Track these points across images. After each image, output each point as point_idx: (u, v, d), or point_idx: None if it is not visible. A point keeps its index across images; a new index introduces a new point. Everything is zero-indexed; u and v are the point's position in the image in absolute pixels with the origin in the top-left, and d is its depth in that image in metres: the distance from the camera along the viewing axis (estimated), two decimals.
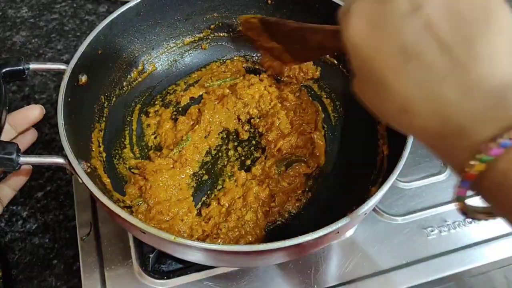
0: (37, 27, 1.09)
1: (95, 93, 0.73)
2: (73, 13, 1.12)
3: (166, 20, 0.82)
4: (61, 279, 0.73)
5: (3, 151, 0.52)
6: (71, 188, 0.79)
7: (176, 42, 0.85)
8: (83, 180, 0.55)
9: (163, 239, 0.51)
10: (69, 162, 0.56)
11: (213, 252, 0.52)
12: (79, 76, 0.67)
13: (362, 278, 0.69)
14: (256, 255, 0.53)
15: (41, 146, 0.87)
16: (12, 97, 0.94)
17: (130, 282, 0.68)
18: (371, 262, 0.70)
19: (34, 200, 0.81)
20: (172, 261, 0.69)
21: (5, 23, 1.09)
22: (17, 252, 0.75)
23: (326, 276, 0.69)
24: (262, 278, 0.68)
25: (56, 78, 0.98)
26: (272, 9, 0.83)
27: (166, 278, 0.67)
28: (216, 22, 0.85)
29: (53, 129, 0.90)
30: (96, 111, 0.73)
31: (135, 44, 0.80)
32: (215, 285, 0.68)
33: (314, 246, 0.60)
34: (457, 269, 0.70)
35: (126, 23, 0.75)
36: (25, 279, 0.73)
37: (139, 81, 0.82)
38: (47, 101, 0.94)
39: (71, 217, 0.78)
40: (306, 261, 0.70)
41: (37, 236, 0.77)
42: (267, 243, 0.50)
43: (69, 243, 0.76)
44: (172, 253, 0.59)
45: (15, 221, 0.78)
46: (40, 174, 0.83)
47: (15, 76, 0.62)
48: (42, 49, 1.04)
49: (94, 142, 0.70)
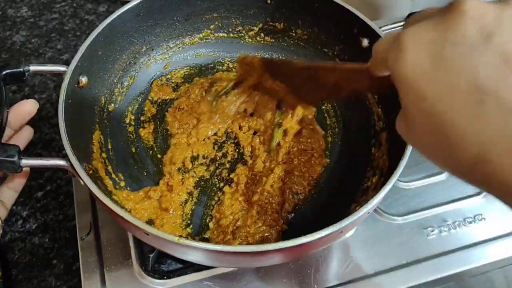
0: (37, 26, 1.09)
1: (95, 94, 0.73)
2: (73, 12, 1.12)
3: (165, 21, 0.82)
4: (61, 279, 0.73)
5: (5, 153, 0.52)
6: (71, 188, 0.79)
7: (176, 43, 0.85)
8: (85, 183, 0.55)
9: (166, 240, 0.51)
10: (71, 164, 0.56)
11: (216, 253, 0.52)
12: (79, 77, 0.67)
13: (362, 278, 0.69)
14: (259, 256, 0.53)
15: (41, 146, 0.87)
16: (12, 97, 0.94)
17: (130, 282, 0.68)
18: (371, 262, 0.70)
19: (34, 200, 0.81)
20: (172, 261, 0.69)
21: (5, 22, 1.09)
22: (17, 252, 0.75)
23: (326, 276, 0.69)
24: (262, 278, 0.69)
25: (56, 78, 0.98)
26: (272, 9, 0.83)
27: (166, 278, 0.67)
28: (216, 22, 0.86)
29: (53, 129, 0.90)
30: (96, 112, 0.73)
31: (134, 45, 0.80)
32: (215, 285, 0.68)
33: (317, 246, 0.60)
34: (457, 269, 0.70)
35: (125, 24, 0.75)
36: (25, 279, 0.73)
37: (136, 83, 0.82)
38: (47, 101, 0.94)
39: (71, 217, 0.78)
40: (306, 261, 0.70)
41: (37, 236, 0.77)
42: (270, 244, 0.50)
43: (69, 243, 0.76)
44: (174, 254, 0.59)
45: (15, 221, 0.78)
46: (40, 174, 0.83)
47: (16, 78, 0.62)
48: (42, 49, 1.04)
49: (95, 143, 0.70)
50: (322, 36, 0.82)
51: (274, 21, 0.85)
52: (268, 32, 0.87)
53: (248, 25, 0.86)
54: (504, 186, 0.30)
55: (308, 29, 0.83)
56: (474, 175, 0.32)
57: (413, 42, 0.33)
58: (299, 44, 0.86)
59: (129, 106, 0.80)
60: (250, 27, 0.87)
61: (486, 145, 0.30)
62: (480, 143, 0.30)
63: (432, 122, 0.33)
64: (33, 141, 0.87)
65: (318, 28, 0.82)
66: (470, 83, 0.30)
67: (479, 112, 0.30)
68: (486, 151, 0.30)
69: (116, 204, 0.53)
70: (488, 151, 0.30)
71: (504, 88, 0.29)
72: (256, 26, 0.86)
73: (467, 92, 0.30)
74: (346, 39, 0.78)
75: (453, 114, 0.31)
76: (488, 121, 0.30)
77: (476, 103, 0.30)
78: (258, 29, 0.87)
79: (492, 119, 0.30)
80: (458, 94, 0.31)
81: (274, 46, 0.88)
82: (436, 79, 0.32)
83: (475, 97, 0.30)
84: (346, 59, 0.81)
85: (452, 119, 0.31)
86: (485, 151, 0.30)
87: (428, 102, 0.32)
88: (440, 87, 0.31)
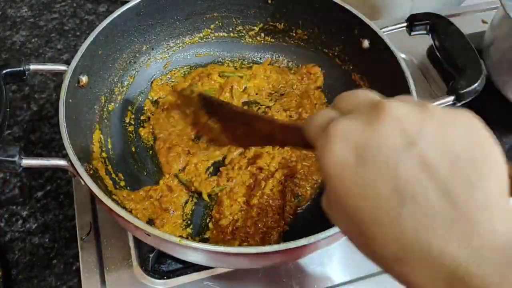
0: (37, 26, 1.09)
1: (95, 93, 0.73)
2: (73, 12, 1.12)
3: (166, 20, 0.82)
4: (60, 278, 0.73)
5: (5, 154, 0.52)
6: (71, 188, 0.79)
7: (176, 42, 0.85)
8: (86, 183, 0.55)
9: (167, 241, 0.51)
10: (71, 164, 0.56)
11: (217, 254, 0.53)
12: (79, 77, 0.67)
13: (362, 278, 0.69)
14: (260, 257, 0.53)
15: (41, 146, 0.87)
16: (12, 96, 0.94)
17: (130, 282, 0.68)
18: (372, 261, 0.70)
19: (34, 199, 0.81)
20: (171, 261, 0.69)
21: (5, 22, 1.09)
22: (17, 252, 0.75)
23: (326, 276, 0.69)
24: (262, 277, 0.69)
25: (56, 78, 0.98)
26: (273, 9, 0.83)
27: (166, 278, 0.68)
28: (216, 22, 0.86)
29: (53, 128, 0.90)
30: (96, 112, 0.73)
31: (135, 44, 0.80)
32: (214, 284, 0.68)
33: (319, 247, 0.60)
34: None
35: (126, 23, 0.75)
36: (25, 279, 0.73)
37: (137, 82, 0.82)
38: (47, 100, 0.94)
39: (71, 216, 0.77)
40: (306, 261, 0.70)
41: (37, 235, 0.77)
42: (271, 246, 0.51)
43: (69, 243, 0.76)
44: (175, 255, 0.59)
45: (15, 221, 0.78)
46: (40, 174, 0.83)
47: (16, 78, 0.62)
48: (42, 49, 1.04)
49: (95, 143, 0.70)
50: (323, 37, 0.83)
51: (274, 21, 0.85)
52: (268, 32, 0.87)
53: (248, 24, 0.86)
54: (420, 285, 0.31)
55: (309, 29, 0.84)
56: (393, 271, 0.33)
57: (340, 138, 0.33)
58: (299, 44, 0.86)
59: (129, 105, 0.80)
60: (250, 27, 0.87)
61: (405, 245, 0.31)
62: (399, 244, 0.31)
63: (357, 219, 0.33)
64: (33, 140, 0.87)
65: (319, 28, 0.82)
66: (392, 186, 0.31)
67: (399, 215, 0.31)
68: (404, 252, 0.31)
69: (116, 204, 0.53)
70: (405, 252, 0.31)
71: (421, 193, 0.30)
72: (257, 26, 0.86)
73: (390, 194, 0.31)
74: (347, 39, 0.78)
75: (377, 214, 0.32)
76: (407, 223, 0.31)
77: (397, 205, 0.31)
78: (259, 29, 0.87)
79: (410, 223, 0.30)
80: (381, 195, 0.31)
81: (275, 46, 0.88)
82: (361, 180, 0.32)
83: (398, 200, 0.31)
84: (346, 59, 0.81)
85: (375, 218, 0.32)
86: (403, 251, 0.31)
87: (350, 199, 0.33)
88: (363, 187, 0.32)
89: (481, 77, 0.65)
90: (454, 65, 0.69)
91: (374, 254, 0.34)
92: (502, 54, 0.84)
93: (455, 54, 0.70)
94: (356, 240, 0.35)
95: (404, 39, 0.77)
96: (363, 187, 0.32)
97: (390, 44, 0.69)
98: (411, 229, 0.30)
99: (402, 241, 0.31)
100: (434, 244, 0.30)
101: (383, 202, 0.31)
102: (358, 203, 0.33)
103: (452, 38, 0.71)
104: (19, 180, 0.82)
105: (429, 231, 0.30)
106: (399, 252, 0.31)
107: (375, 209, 0.32)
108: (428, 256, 0.30)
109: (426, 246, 0.30)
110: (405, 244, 0.31)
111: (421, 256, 0.30)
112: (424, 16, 0.75)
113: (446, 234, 0.30)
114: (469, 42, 0.70)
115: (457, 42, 0.71)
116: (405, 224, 0.31)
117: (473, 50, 0.69)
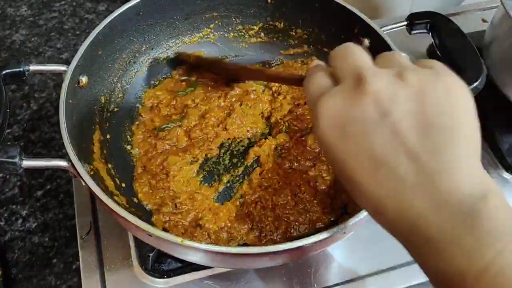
0: (37, 25, 1.09)
1: (95, 93, 0.72)
2: (72, 11, 1.12)
3: (165, 20, 0.81)
4: (60, 278, 0.73)
5: (5, 155, 0.52)
6: (71, 187, 0.79)
7: (176, 42, 0.85)
8: (87, 184, 0.55)
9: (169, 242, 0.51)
10: (72, 165, 0.56)
11: (218, 254, 0.52)
12: (79, 77, 0.66)
13: (362, 277, 0.69)
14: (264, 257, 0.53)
15: (41, 145, 0.87)
16: (11, 96, 0.94)
17: (130, 281, 0.68)
18: (372, 261, 0.70)
19: (33, 199, 0.81)
20: (172, 260, 0.69)
21: (4, 21, 1.09)
22: (17, 251, 0.75)
23: (326, 275, 0.69)
24: (262, 277, 0.69)
25: (55, 77, 0.98)
26: (272, 8, 0.83)
27: (166, 277, 0.68)
28: (216, 21, 0.85)
29: (53, 127, 0.90)
30: (96, 112, 0.73)
31: (134, 44, 0.79)
32: (214, 284, 0.68)
33: (320, 247, 0.61)
34: None
35: (125, 23, 0.75)
36: (25, 278, 0.73)
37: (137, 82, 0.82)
38: (47, 100, 0.94)
39: (71, 216, 0.78)
40: (306, 261, 0.70)
41: (36, 235, 0.77)
42: (274, 245, 0.50)
43: (69, 242, 0.76)
44: (177, 255, 0.59)
45: (15, 220, 0.78)
46: (40, 173, 0.83)
47: (15, 78, 0.62)
48: (42, 48, 1.04)
49: (96, 143, 0.70)
50: (323, 36, 0.82)
51: (274, 21, 0.85)
52: (268, 31, 0.87)
53: (248, 24, 0.86)
54: (395, 233, 0.38)
55: (309, 28, 0.83)
56: (376, 219, 0.39)
57: (325, 114, 0.39)
58: (299, 43, 0.86)
59: (129, 105, 0.80)
60: (250, 26, 0.86)
61: (380, 201, 0.37)
62: (376, 200, 0.37)
63: (339, 173, 0.40)
64: (33, 139, 0.87)
65: (319, 27, 0.82)
66: (370, 153, 0.36)
67: (375, 177, 0.36)
68: (380, 206, 0.37)
69: (118, 205, 0.53)
70: (381, 206, 0.37)
71: (393, 161, 0.35)
72: (256, 25, 0.86)
73: (367, 161, 0.37)
74: (347, 38, 0.78)
75: (358, 176, 0.38)
76: (382, 185, 0.36)
77: (374, 170, 0.36)
78: (258, 28, 0.86)
79: (384, 184, 0.36)
80: (361, 162, 0.37)
81: (274, 46, 0.88)
82: (344, 147, 0.38)
83: (373, 165, 0.36)
84: None
85: (357, 179, 0.38)
86: (379, 206, 0.37)
87: (340, 163, 0.39)
88: (347, 154, 0.38)
89: (482, 76, 0.65)
90: (455, 64, 0.69)
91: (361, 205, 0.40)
92: (503, 53, 0.84)
93: (455, 53, 0.70)
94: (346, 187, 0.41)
95: (405, 38, 0.77)
96: (345, 155, 0.38)
97: (390, 43, 0.69)
98: (385, 190, 0.36)
99: (379, 200, 0.37)
100: (403, 202, 0.35)
101: (362, 169, 0.37)
102: (342, 166, 0.39)
103: (452, 37, 0.71)
104: (19, 179, 0.82)
105: (397, 193, 0.35)
106: (378, 207, 0.37)
107: (356, 174, 0.38)
108: (399, 212, 0.36)
109: (397, 204, 0.36)
110: (381, 202, 0.37)
111: (394, 212, 0.36)
112: (424, 15, 0.75)
113: (412, 195, 0.35)
114: (470, 41, 0.70)
115: (458, 41, 0.71)
116: (380, 186, 0.36)
117: (473, 49, 0.69)
